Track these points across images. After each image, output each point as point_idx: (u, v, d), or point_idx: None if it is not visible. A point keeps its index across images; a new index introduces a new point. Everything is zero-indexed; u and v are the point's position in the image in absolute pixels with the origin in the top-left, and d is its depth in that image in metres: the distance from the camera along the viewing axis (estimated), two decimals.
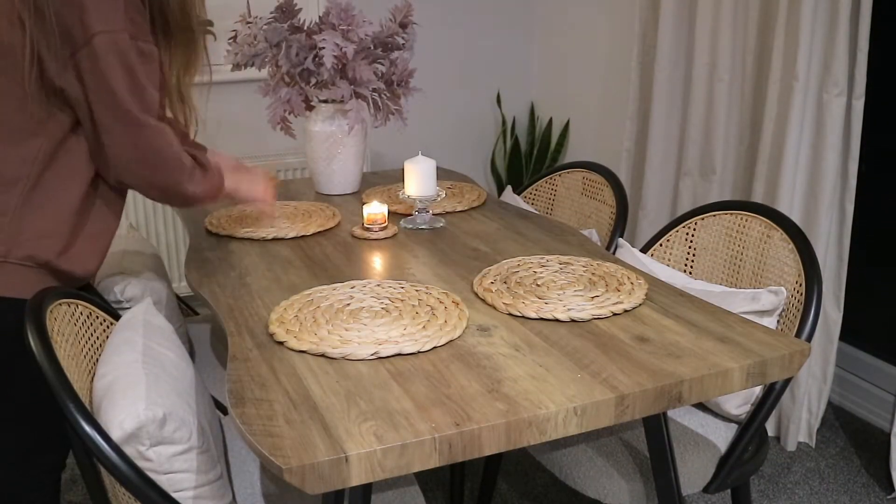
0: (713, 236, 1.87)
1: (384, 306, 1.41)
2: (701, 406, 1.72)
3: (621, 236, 2.04)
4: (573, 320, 1.38)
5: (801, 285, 1.61)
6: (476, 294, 1.51)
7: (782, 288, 1.60)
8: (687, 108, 2.70)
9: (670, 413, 1.69)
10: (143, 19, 1.40)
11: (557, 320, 1.38)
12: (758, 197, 2.42)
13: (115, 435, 1.10)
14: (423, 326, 1.33)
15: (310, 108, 2.20)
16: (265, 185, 1.80)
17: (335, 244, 1.83)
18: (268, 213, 1.91)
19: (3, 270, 1.36)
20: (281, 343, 1.31)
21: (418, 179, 1.91)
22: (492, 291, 1.48)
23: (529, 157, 3.71)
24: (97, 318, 1.45)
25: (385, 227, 1.88)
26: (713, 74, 2.56)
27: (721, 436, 1.64)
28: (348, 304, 1.42)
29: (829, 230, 2.35)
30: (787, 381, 1.52)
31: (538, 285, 1.51)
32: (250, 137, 3.31)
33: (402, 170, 1.95)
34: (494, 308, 1.44)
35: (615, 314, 1.41)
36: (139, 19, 1.38)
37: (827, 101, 2.26)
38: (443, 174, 2.45)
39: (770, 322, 1.59)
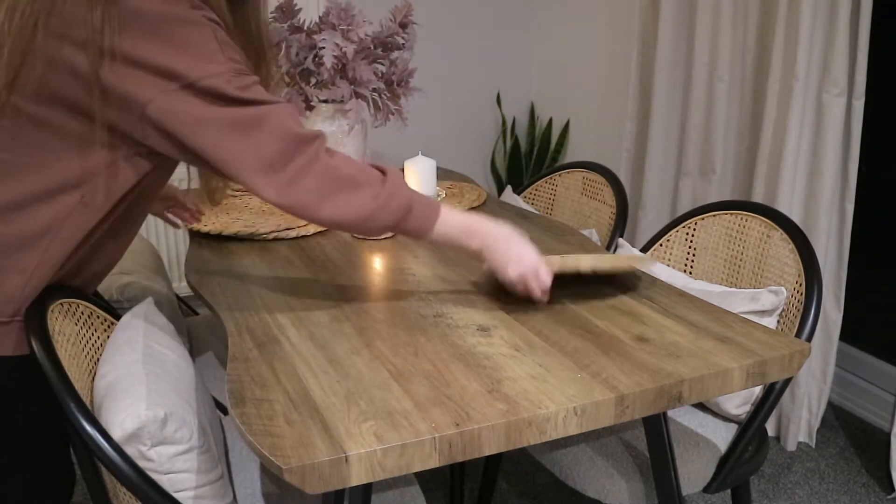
0: (713, 236, 1.88)
1: None
2: (701, 406, 1.72)
3: (621, 236, 2.04)
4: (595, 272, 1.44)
5: (801, 285, 1.62)
6: None
7: (782, 288, 1.60)
8: (687, 108, 2.70)
9: (670, 413, 1.69)
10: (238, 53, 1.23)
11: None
12: (758, 197, 2.42)
13: (116, 435, 1.11)
14: None
15: (310, 108, 2.20)
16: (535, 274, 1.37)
17: (335, 244, 1.83)
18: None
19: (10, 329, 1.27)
20: None
21: (418, 179, 1.91)
22: None
23: (529, 157, 3.71)
24: (98, 317, 1.45)
25: None
26: (713, 74, 2.56)
27: (721, 436, 1.64)
28: None
29: (828, 230, 2.35)
30: (787, 381, 1.52)
31: None
32: None
33: (402, 170, 1.96)
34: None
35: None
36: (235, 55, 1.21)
37: (827, 102, 2.26)
38: (443, 174, 2.45)
39: (770, 322, 1.59)
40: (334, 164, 1.22)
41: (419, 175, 1.91)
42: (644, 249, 1.94)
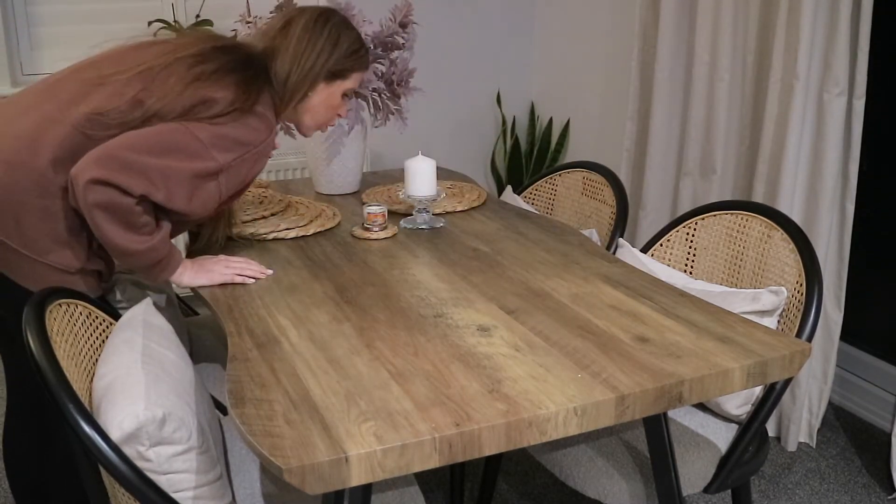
0: (713, 236, 1.87)
1: None
2: (701, 406, 1.72)
3: (621, 236, 2.04)
4: None
5: (801, 285, 1.61)
6: None
7: (783, 288, 1.59)
8: (687, 108, 2.70)
9: (671, 413, 1.69)
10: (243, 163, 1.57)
11: None
12: (758, 197, 2.42)
13: (115, 435, 1.10)
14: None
15: None
16: (222, 266, 1.66)
17: (335, 244, 1.83)
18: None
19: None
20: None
21: (418, 179, 1.91)
22: None
23: (529, 157, 3.70)
24: (96, 318, 1.45)
25: (385, 227, 1.88)
26: (713, 74, 2.56)
27: (721, 436, 1.64)
28: None
29: (829, 230, 2.35)
30: (788, 382, 1.52)
31: None
32: None
33: (402, 170, 1.95)
34: None
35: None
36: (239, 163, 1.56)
37: (827, 101, 2.25)
38: (443, 174, 2.45)
39: (770, 322, 1.59)
40: (135, 210, 1.47)
41: (419, 175, 1.91)
42: (644, 249, 1.93)
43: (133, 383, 1.16)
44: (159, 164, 1.46)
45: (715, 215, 1.88)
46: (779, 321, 1.61)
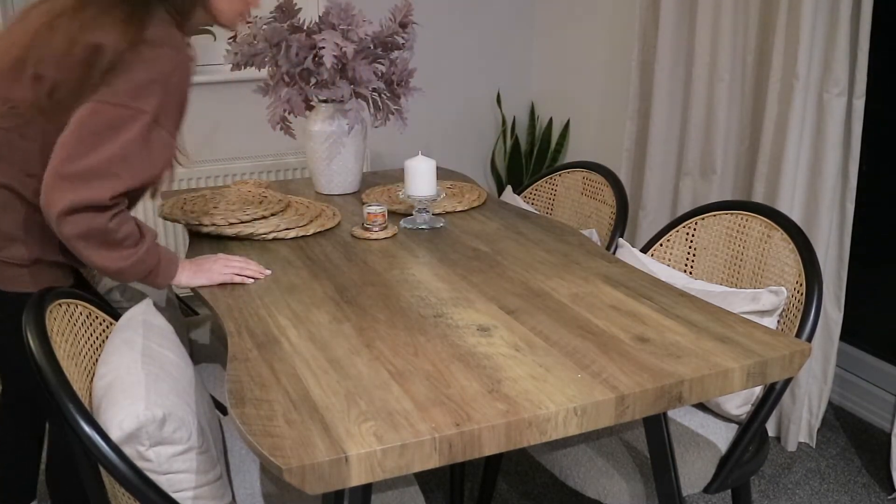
0: (713, 236, 1.87)
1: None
2: (701, 406, 1.72)
3: (621, 236, 2.04)
4: None
5: (801, 285, 1.61)
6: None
7: (783, 288, 1.60)
8: (687, 108, 2.70)
9: (670, 413, 1.69)
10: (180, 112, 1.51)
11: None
12: (758, 197, 2.42)
13: (115, 435, 1.10)
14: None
15: (310, 108, 2.20)
16: (221, 266, 1.65)
17: (335, 244, 1.83)
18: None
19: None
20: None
21: (418, 179, 1.91)
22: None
23: (529, 157, 3.70)
24: (97, 318, 1.45)
25: (385, 227, 1.88)
26: (713, 74, 2.56)
27: (721, 436, 1.64)
28: None
29: (829, 230, 2.35)
30: (788, 382, 1.52)
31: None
32: (250, 137, 3.31)
33: (402, 170, 1.95)
34: None
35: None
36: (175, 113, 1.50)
37: (827, 101, 2.25)
38: (443, 174, 2.45)
39: (770, 322, 1.59)
40: (110, 227, 1.44)
41: (419, 175, 1.91)
42: (644, 249, 1.93)
43: (133, 383, 1.17)
44: (107, 154, 1.39)
45: (715, 215, 1.88)
46: (779, 321, 1.61)
